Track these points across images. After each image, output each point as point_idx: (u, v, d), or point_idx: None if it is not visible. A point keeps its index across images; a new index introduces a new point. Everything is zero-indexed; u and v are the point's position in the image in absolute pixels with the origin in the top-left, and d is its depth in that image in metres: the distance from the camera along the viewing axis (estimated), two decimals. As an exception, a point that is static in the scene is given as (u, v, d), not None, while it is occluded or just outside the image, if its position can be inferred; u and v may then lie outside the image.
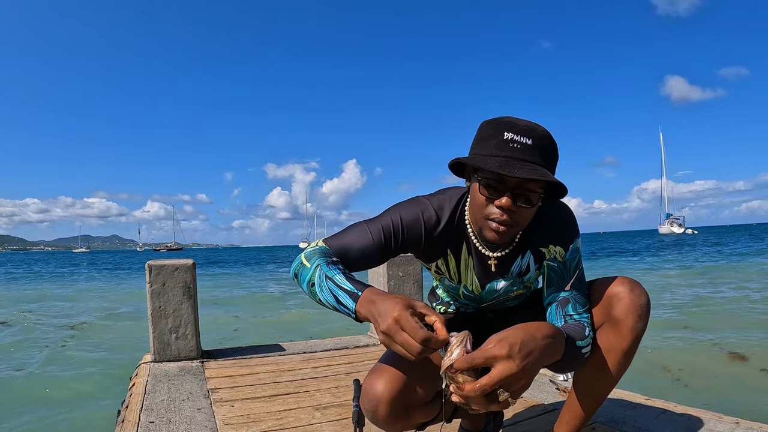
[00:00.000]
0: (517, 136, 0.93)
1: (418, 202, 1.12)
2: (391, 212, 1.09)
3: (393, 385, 1.04)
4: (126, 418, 1.80)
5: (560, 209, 1.10)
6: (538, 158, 0.94)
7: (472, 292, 1.20)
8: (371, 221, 1.09)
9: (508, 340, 0.80)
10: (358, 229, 1.07)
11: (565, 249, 1.09)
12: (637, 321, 1.05)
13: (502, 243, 1.06)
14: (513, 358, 0.78)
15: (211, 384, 2.24)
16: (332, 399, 2.02)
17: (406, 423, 1.09)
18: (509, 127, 0.94)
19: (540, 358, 0.83)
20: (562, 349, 0.93)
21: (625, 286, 1.07)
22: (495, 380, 0.77)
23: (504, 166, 0.91)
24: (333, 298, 0.92)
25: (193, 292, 2.69)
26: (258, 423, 1.74)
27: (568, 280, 1.09)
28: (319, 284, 0.95)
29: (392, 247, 1.08)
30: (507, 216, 0.96)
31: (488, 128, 0.97)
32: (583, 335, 1.04)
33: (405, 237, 1.08)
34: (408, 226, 1.08)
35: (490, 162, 0.92)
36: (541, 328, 0.87)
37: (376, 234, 1.06)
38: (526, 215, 0.99)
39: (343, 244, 1.05)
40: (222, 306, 10.70)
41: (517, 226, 0.99)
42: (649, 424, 1.65)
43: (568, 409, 1.20)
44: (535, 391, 2.08)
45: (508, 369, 0.77)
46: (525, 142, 0.93)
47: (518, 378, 0.79)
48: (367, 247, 1.05)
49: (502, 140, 0.93)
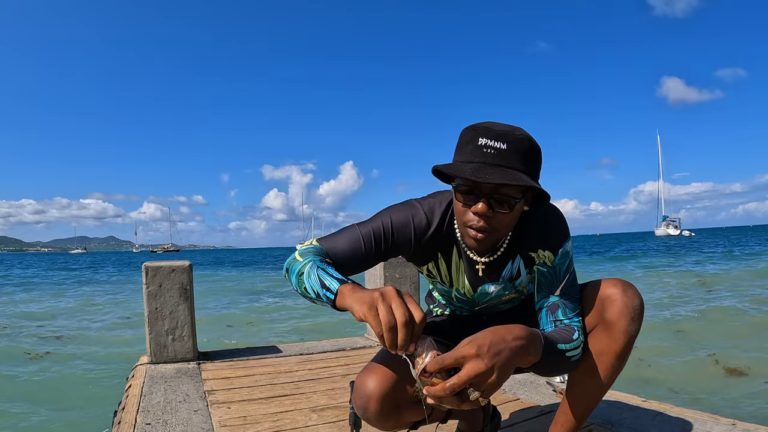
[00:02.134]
0: (491, 141, 0.93)
1: (409, 205, 1.12)
2: (383, 215, 1.10)
3: (384, 382, 1.04)
4: (122, 420, 1.79)
5: (550, 213, 1.09)
6: (515, 162, 0.93)
7: (465, 295, 1.20)
8: (363, 224, 1.10)
9: (476, 341, 0.82)
10: (350, 231, 1.09)
11: (554, 253, 1.08)
12: (630, 323, 1.05)
13: (482, 249, 1.06)
14: (481, 357, 0.80)
15: (208, 386, 2.24)
16: (329, 401, 2.02)
17: (397, 421, 1.09)
18: (484, 133, 0.94)
19: (511, 357, 0.84)
20: (537, 351, 0.93)
21: (618, 288, 1.07)
22: (464, 379, 0.78)
23: (476, 171, 0.91)
24: (318, 283, 0.92)
25: (190, 293, 2.69)
26: (254, 425, 1.73)
27: (558, 285, 1.09)
28: (308, 273, 0.95)
29: (382, 250, 1.09)
30: (484, 222, 0.96)
31: (465, 134, 0.97)
32: (570, 338, 1.04)
33: (394, 240, 1.09)
34: (397, 230, 1.09)
35: (464, 168, 0.93)
36: (512, 330, 0.88)
37: (367, 237, 1.07)
38: (505, 221, 0.98)
39: (335, 246, 1.06)
40: (219, 306, 10.68)
41: (497, 232, 0.99)
42: (645, 425, 1.65)
43: (562, 411, 1.20)
44: (532, 392, 2.08)
45: (476, 368, 0.79)
46: (499, 147, 0.92)
47: (487, 377, 0.80)
48: (357, 250, 1.06)
49: (477, 146, 0.94)
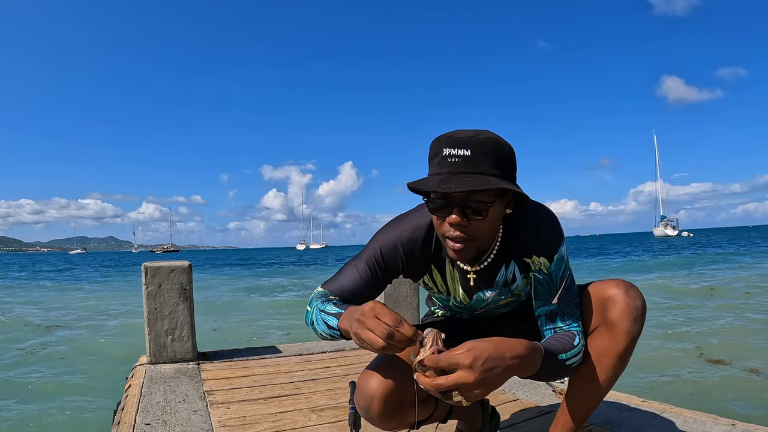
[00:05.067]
0: (455, 150, 0.92)
1: (395, 226, 1.13)
2: (373, 244, 1.13)
3: (387, 382, 1.04)
4: (122, 420, 1.79)
5: (541, 217, 1.08)
6: (483, 166, 0.92)
7: (461, 302, 1.21)
8: (358, 258, 1.13)
9: (474, 352, 0.83)
10: (348, 268, 1.12)
11: (549, 260, 1.07)
12: (632, 324, 1.05)
13: (464, 260, 1.06)
14: (473, 369, 0.82)
15: (207, 386, 2.23)
16: (328, 401, 2.02)
17: (399, 421, 1.10)
18: (447, 143, 0.94)
19: (503, 374, 0.86)
20: (534, 367, 0.94)
21: (621, 289, 1.07)
22: (450, 384, 0.82)
23: (442, 183, 0.90)
24: (324, 325, 0.99)
25: (190, 294, 2.68)
26: (254, 425, 1.73)
27: (555, 292, 1.08)
28: (316, 320, 1.02)
29: (380, 277, 1.11)
30: (459, 231, 0.96)
31: (433, 147, 0.98)
32: (571, 345, 1.04)
33: (386, 267, 1.11)
34: (387, 256, 1.10)
35: (431, 182, 0.92)
36: (514, 347, 0.88)
37: (363, 271, 1.10)
38: (483, 227, 0.97)
39: (338, 286, 1.10)
40: (218, 307, 10.67)
41: (476, 240, 0.98)
42: (645, 425, 1.65)
43: (563, 411, 1.20)
44: (531, 393, 2.08)
45: (464, 378, 0.82)
46: (464, 154, 0.92)
47: (472, 388, 0.83)
48: (358, 285, 1.09)
49: (442, 157, 0.94)
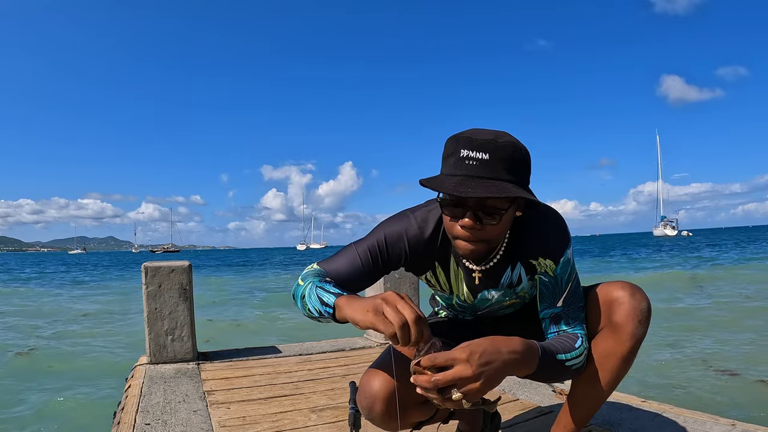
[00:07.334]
0: (473, 153, 0.90)
1: (403, 217, 1.12)
2: (378, 231, 1.11)
3: (389, 383, 1.04)
4: (122, 420, 1.79)
5: (549, 220, 1.08)
6: (500, 171, 0.91)
7: (465, 301, 1.20)
8: (360, 242, 1.11)
9: (470, 347, 0.84)
10: (348, 251, 1.10)
11: (555, 262, 1.07)
12: (637, 326, 1.05)
13: (473, 259, 1.06)
14: (470, 363, 0.82)
15: (207, 386, 2.23)
16: (328, 401, 2.02)
17: (402, 421, 1.10)
18: (466, 144, 0.92)
19: (500, 369, 0.86)
20: (532, 365, 0.94)
21: (626, 291, 1.07)
22: (448, 378, 0.81)
23: (458, 186, 0.89)
24: (318, 301, 0.94)
25: (189, 294, 2.68)
26: (254, 425, 1.73)
27: (560, 295, 1.08)
28: (309, 294, 0.98)
29: (380, 266, 1.09)
30: (471, 234, 0.95)
31: (449, 145, 0.96)
32: (572, 347, 1.04)
33: (389, 255, 1.09)
34: (391, 245, 1.09)
35: (446, 183, 0.91)
36: (510, 342, 0.89)
37: (364, 255, 1.08)
38: (494, 232, 0.97)
39: (335, 268, 1.07)
40: (217, 308, 10.66)
41: (488, 242, 0.98)
42: (645, 426, 1.65)
43: (564, 412, 1.19)
44: (532, 393, 2.08)
45: (462, 372, 0.81)
46: (482, 158, 0.90)
47: (470, 382, 0.82)
48: (356, 269, 1.07)
49: (459, 158, 0.92)
